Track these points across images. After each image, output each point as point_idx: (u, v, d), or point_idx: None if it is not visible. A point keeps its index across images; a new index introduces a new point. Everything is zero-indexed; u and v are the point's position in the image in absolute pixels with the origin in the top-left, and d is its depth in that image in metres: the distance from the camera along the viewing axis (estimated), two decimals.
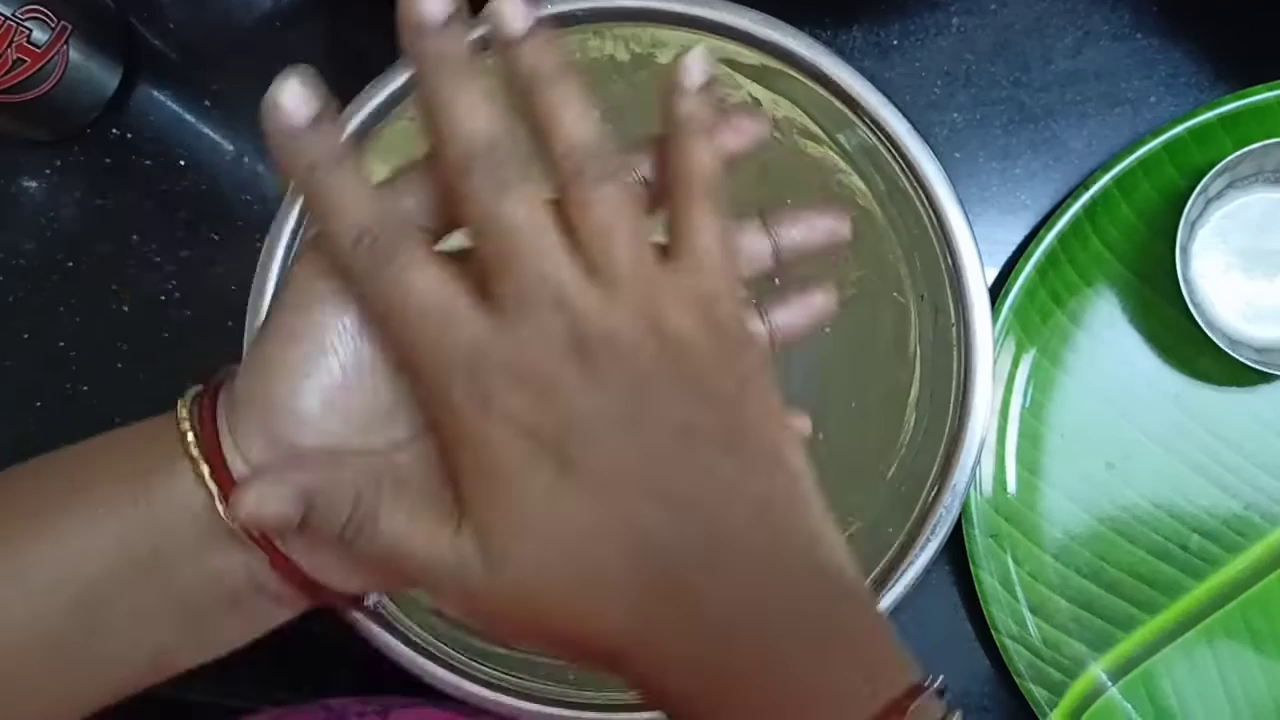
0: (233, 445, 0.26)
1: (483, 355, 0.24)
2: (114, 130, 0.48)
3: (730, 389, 0.25)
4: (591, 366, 0.24)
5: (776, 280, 0.31)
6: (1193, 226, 0.45)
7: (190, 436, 0.26)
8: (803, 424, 0.30)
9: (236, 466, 0.25)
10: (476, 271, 0.25)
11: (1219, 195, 0.45)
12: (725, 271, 0.27)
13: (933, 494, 0.39)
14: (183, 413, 0.26)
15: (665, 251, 0.26)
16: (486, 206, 0.24)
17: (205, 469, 0.25)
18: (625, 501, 0.24)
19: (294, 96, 0.24)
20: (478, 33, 0.25)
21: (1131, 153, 0.46)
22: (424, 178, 0.26)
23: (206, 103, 0.48)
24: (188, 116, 0.48)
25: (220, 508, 0.25)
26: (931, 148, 0.38)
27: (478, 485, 0.25)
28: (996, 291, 0.46)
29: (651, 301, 0.25)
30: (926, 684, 0.24)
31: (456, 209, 0.25)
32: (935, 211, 0.38)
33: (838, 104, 0.38)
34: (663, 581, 0.24)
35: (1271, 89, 0.45)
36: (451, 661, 0.38)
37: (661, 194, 0.28)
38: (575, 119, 0.25)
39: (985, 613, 0.45)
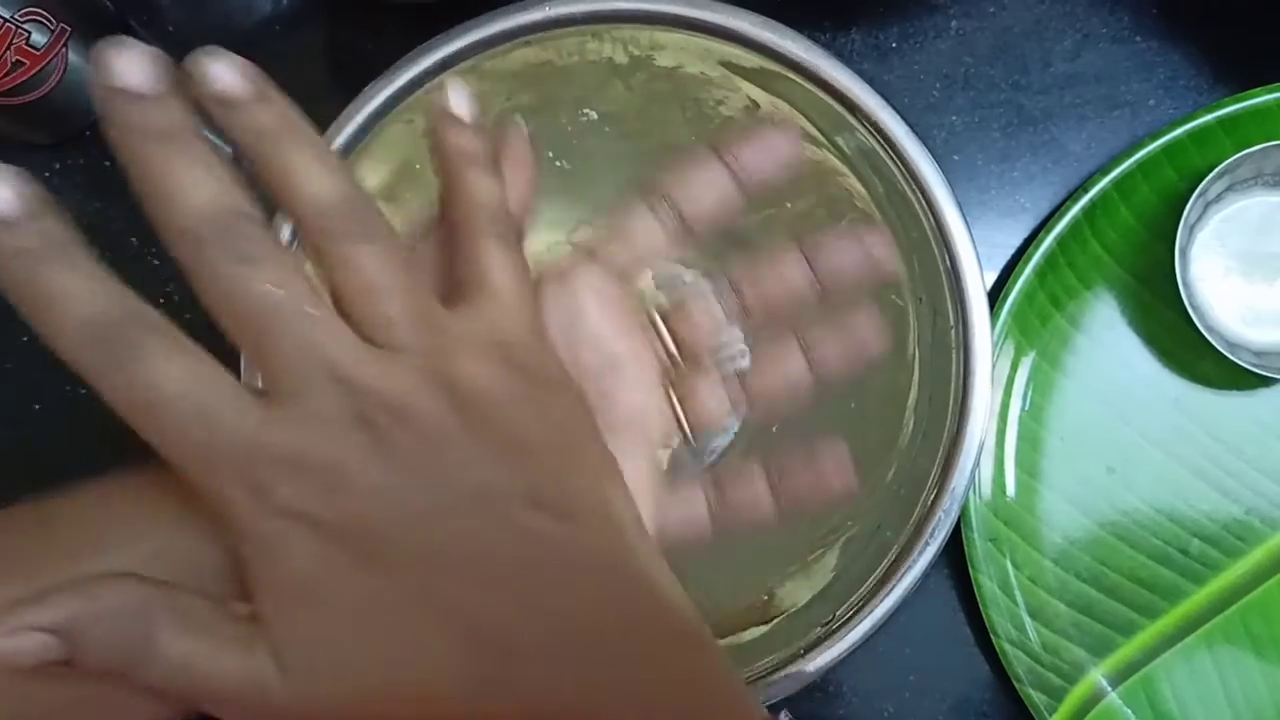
0: None
1: (255, 450, 0.21)
2: None
3: (541, 438, 0.23)
4: (380, 442, 0.21)
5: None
6: (1192, 229, 0.45)
7: None
8: (849, 477, 0.29)
9: None
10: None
11: (1218, 198, 0.45)
12: (524, 310, 0.24)
13: (931, 497, 0.38)
14: None
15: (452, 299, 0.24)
16: (230, 286, 0.21)
17: None
18: (437, 586, 0.22)
19: None
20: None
21: (1130, 155, 0.46)
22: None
23: None
24: None
25: None
26: (930, 150, 0.38)
27: (269, 594, 0.22)
28: (995, 294, 0.46)
29: (439, 357, 0.22)
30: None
31: (199, 296, 0.21)
32: (934, 214, 0.38)
33: (836, 107, 0.38)
34: (488, 663, 0.22)
35: (1271, 91, 0.45)
36: None
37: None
38: (315, 174, 0.22)
39: (984, 617, 0.45)
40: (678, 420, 0.30)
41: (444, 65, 0.38)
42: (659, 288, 0.31)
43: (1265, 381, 0.45)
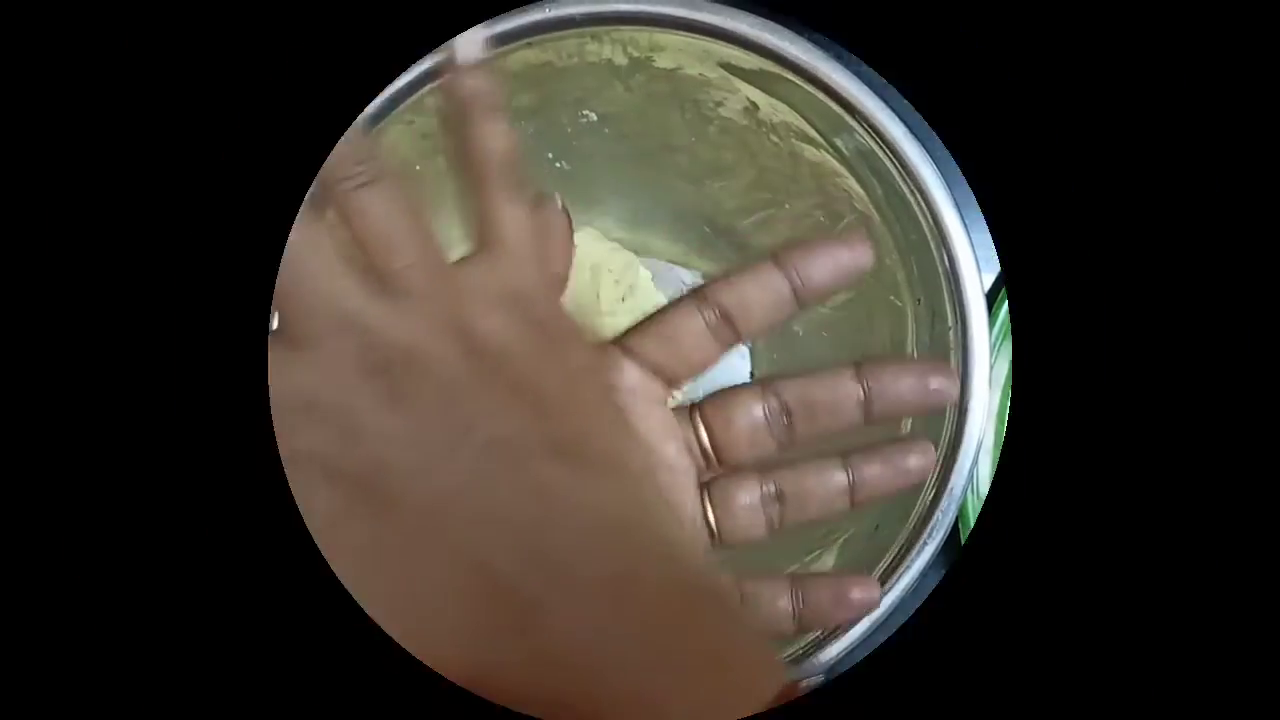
0: None
1: (273, 394, 0.21)
2: None
3: (556, 390, 0.23)
4: (393, 389, 0.21)
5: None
6: None
7: None
8: (873, 594, 0.30)
9: None
10: None
11: None
12: (535, 262, 0.25)
13: (929, 497, 0.39)
14: None
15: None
16: None
17: None
18: (450, 535, 0.21)
19: None
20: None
21: None
22: None
23: None
24: None
25: None
26: (929, 152, 0.38)
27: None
28: (993, 296, 0.46)
29: (453, 306, 0.23)
30: (796, 686, 0.23)
31: None
32: (932, 216, 0.38)
33: (835, 108, 0.38)
34: (501, 613, 0.22)
35: None
36: None
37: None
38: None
39: None
40: (707, 521, 0.30)
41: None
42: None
43: None
